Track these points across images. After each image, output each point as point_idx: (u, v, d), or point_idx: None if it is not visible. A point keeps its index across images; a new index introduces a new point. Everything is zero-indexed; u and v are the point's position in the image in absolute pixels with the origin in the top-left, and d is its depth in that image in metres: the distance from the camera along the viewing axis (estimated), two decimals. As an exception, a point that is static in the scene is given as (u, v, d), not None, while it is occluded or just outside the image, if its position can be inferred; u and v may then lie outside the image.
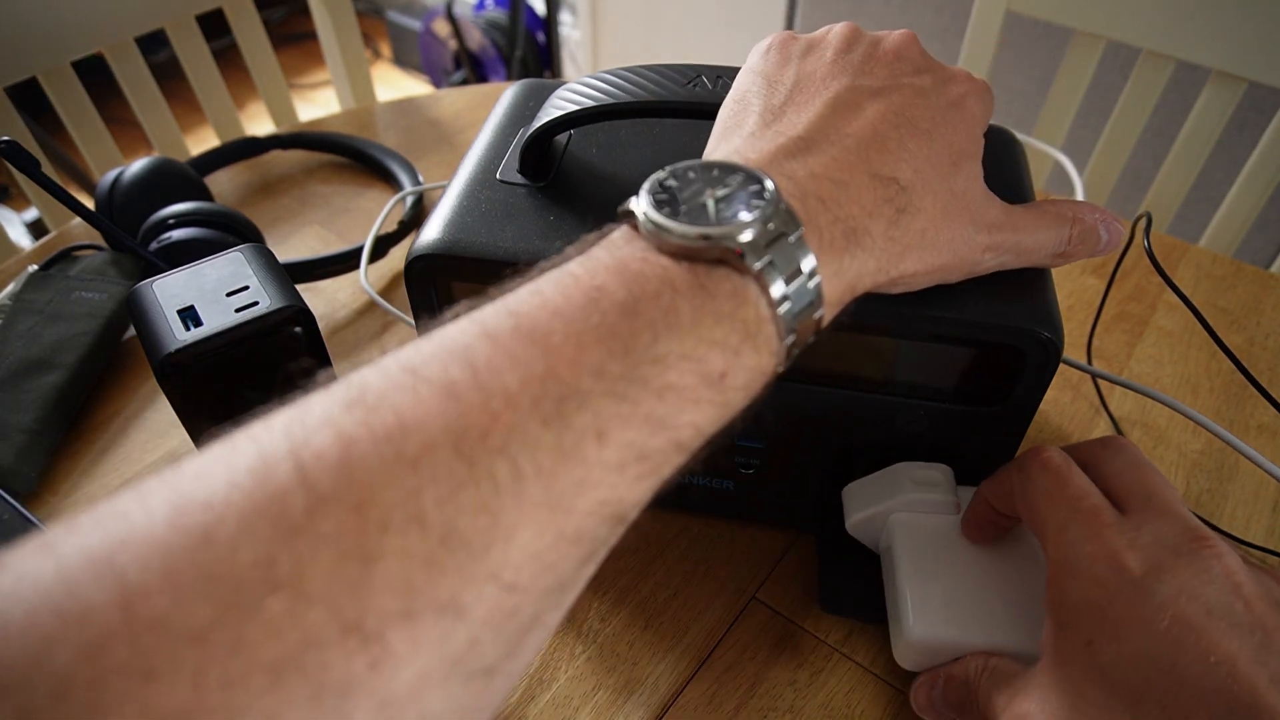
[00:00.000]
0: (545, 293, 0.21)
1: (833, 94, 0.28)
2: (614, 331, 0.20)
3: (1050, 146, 0.70)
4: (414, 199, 0.62)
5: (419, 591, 0.16)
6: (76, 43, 0.72)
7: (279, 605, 0.15)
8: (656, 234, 0.22)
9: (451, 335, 0.20)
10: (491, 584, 0.17)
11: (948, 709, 0.33)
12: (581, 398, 0.19)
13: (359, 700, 0.15)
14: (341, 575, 0.15)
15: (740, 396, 0.22)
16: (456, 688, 0.17)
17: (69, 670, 0.13)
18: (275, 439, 0.17)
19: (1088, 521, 0.29)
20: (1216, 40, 0.71)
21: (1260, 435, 0.48)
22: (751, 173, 0.24)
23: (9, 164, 0.46)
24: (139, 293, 0.35)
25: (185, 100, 0.93)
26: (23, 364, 0.47)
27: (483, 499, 0.17)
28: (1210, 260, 0.60)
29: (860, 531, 0.37)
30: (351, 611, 0.15)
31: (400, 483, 0.16)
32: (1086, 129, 1.03)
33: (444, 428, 0.17)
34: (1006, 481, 0.33)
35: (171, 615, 0.14)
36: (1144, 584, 0.27)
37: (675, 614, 0.40)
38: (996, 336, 0.31)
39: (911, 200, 0.26)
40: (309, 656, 0.15)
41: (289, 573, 0.15)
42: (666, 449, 0.20)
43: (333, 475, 0.16)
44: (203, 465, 0.17)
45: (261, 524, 0.15)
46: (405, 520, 0.16)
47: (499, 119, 0.41)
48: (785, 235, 0.23)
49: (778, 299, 0.22)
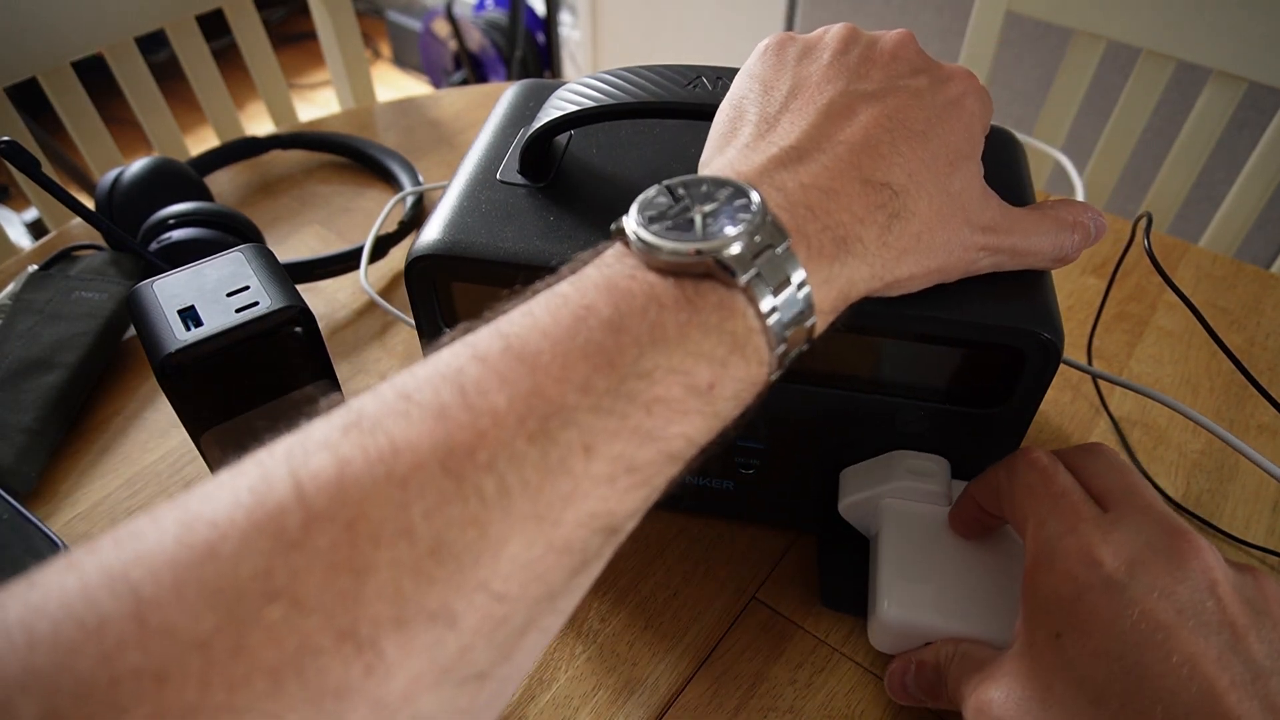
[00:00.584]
0: (535, 313, 0.21)
1: (827, 100, 0.28)
2: (600, 348, 0.20)
3: (1050, 146, 0.70)
4: (414, 199, 0.62)
5: (410, 600, 0.17)
6: (76, 43, 0.72)
7: (277, 613, 0.16)
8: (645, 251, 0.23)
9: (444, 359, 0.20)
10: (481, 593, 0.18)
11: (920, 693, 0.34)
12: (568, 414, 0.19)
13: (355, 703, 0.16)
14: (335, 585, 0.16)
15: (731, 406, 0.22)
16: (449, 691, 0.18)
17: (90, 674, 0.15)
18: (277, 462, 0.18)
19: (1066, 515, 0.30)
20: (1216, 40, 0.71)
21: (1260, 435, 0.48)
22: (740, 186, 0.24)
23: (9, 164, 0.46)
24: (139, 293, 0.35)
25: (185, 100, 0.93)
26: (23, 364, 0.47)
27: (470, 513, 0.18)
28: (1210, 260, 0.60)
29: (852, 515, 0.38)
30: (345, 620, 0.16)
31: (390, 499, 0.17)
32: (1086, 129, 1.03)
33: (433, 447, 0.18)
34: (994, 479, 0.33)
35: (179, 624, 0.15)
36: (1115, 580, 0.27)
37: (675, 614, 0.40)
38: (996, 337, 0.31)
39: (906, 205, 0.26)
40: (306, 661, 0.16)
41: (285, 583, 0.16)
42: (657, 460, 0.21)
43: (328, 494, 0.17)
44: (211, 487, 0.18)
45: (261, 539, 0.16)
46: (395, 534, 0.17)
47: (499, 119, 0.41)
48: (772, 247, 0.23)
49: (766, 311, 0.22)
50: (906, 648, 0.35)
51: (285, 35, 2.45)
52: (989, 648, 0.32)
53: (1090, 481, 0.31)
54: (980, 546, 0.36)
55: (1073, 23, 0.77)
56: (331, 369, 0.38)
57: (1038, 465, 0.32)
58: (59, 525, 0.43)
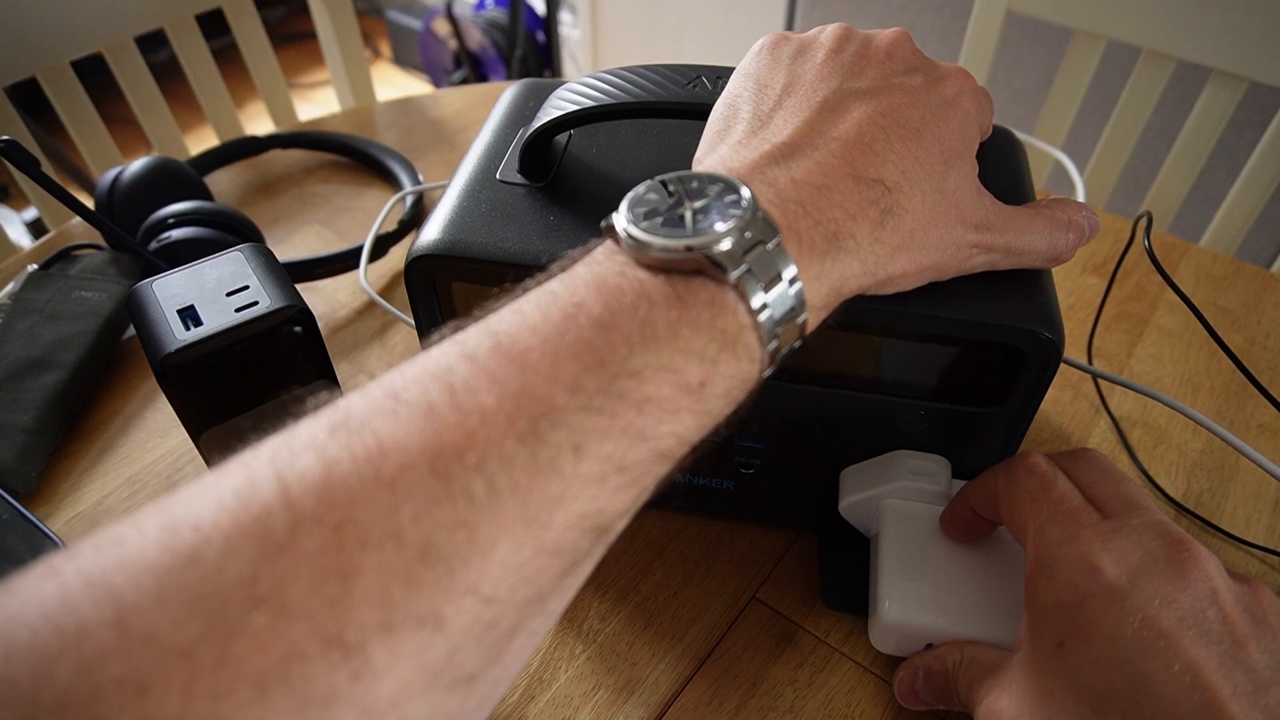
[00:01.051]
0: (525, 311, 0.21)
1: (820, 98, 0.28)
2: (590, 347, 0.20)
3: (1050, 146, 0.70)
4: (414, 199, 0.62)
5: (398, 605, 0.17)
6: (76, 43, 0.72)
7: (262, 620, 0.15)
8: (635, 248, 0.22)
9: (434, 358, 0.20)
10: (470, 596, 0.17)
11: (931, 699, 0.34)
12: (557, 414, 0.19)
13: (342, 710, 0.16)
14: (322, 591, 0.16)
15: (722, 404, 0.22)
16: (438, 695, 0.18)
17: (69, 684, 0.14)
18: (262, 463, 0.18)
19: (1067, 523, 0.29)
20: (1216, 40, 0.71)
21: (1260, 435, 0.48)
22: (730, 182, 0.24)
23: (9, 164, 0.46)
24: (139, 292, 0.35)
25: (185, 100, 0.93)
26: (22, 364, 0.47)
27: (459, 515, 0.18)
28: (1210, 260, 0.60)
29: (852, 514, 0.38)
30: (332, 625, 0.16)
31: (378, 502, 0.17)
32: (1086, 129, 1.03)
33: (421, 448, 0.18)
34: (991, 484, 0.33)
35: (162, 631, 0.15)
36: (1117, 588, 0.27)
37: (675, 614, 0.40)
38: (997, 336, 0.31)
39: (899, 201, 0.26)
40: (293, 669, 0.15)
41: (271, 589, 0.16)
42: (648, 459, 0.21)
43: (314, 496, 0.17)
44: (195, 490, 0.17)
45: (246, 543, 0.16)
46: (383, 537, 0.17)
47: (499, 119, 0.41)
48: (763, 243, 0.23)
49: (757, 307, 0.22)
50: (907, 648, 0.35)
51: (285, 35, 2.44)
52: (995, 649, 0.32)
53: (1088, 489, 0.31)
54: (981, 546, 0.36)
55: (1073, 22, 0.77)
56: (331, 369, 0.38)
57: (1036, 471, 0.31)
58: (59, 525, 0.43)
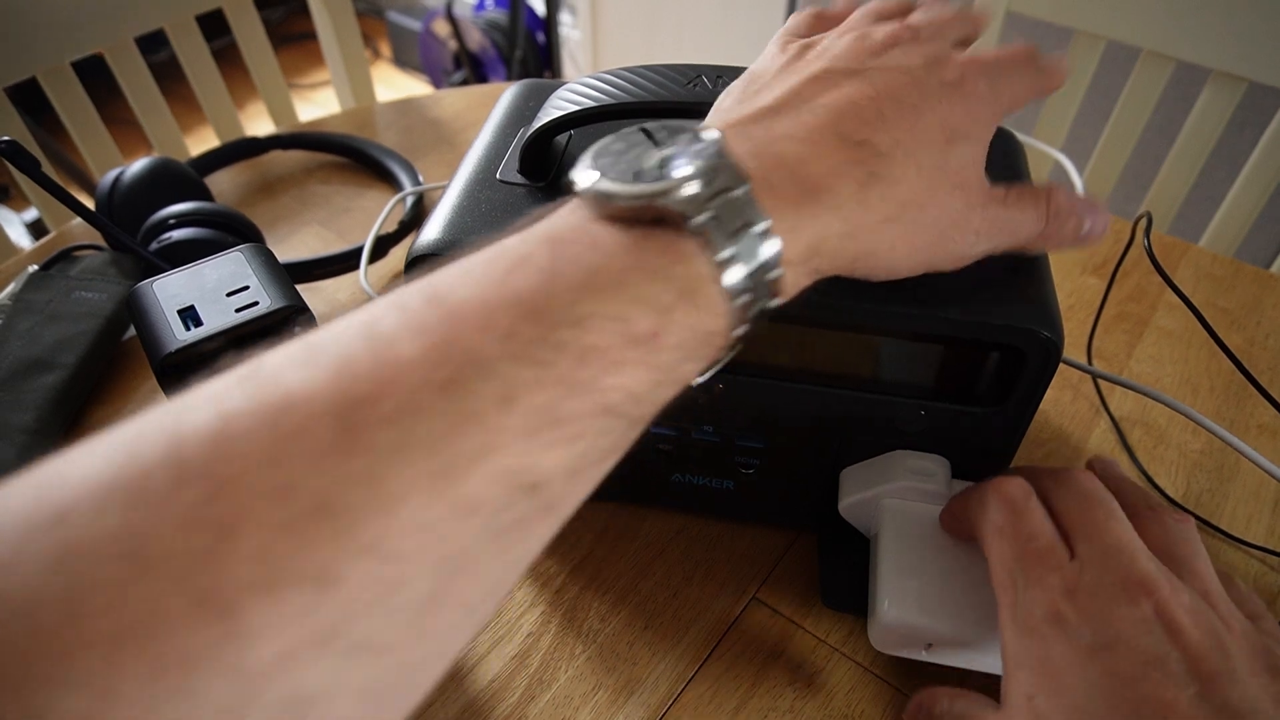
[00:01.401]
0: (470, 265, 0.20)
1: (811, 72, 0.27)
2: (530, 295, 0.19)
3: (1050, 146, 0.70)
4: (414, 199, 0.62)
5: (281, 562, 0.16)
6: (76, 43, 0.72)
7: (120, 574, 0.15)
8: (596, 200, 0.21)
9: (367, 310, 0.19)
10: (369, 555, 0.17)
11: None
12: (486, 363, 0.18)
13: (209, 673, 0.15)
14: (191, 545, 0.15)
15: (678, 357, 0.21)
16: (334, 663, 0.16)
17: None
18: (158, 416, 0.17)
19: (1032, 566, 0.29)
20: (1216, 40, 0.71)
21: (1260, 435, 0.48)
22: (697, 132, 0.23)
23: (9, 164, 0.46)
24: (139, 292, 0.35)
25: (185, 100, 0.93)
26: (23, 364, 0.47)
27: (361, 468, 0.17)
28: (1210, 260, 0.60)
29: (852, 514, 0.38)
30: (203, 581, 0.15)
31: (270, 455, 0.16)
32: (1086, 129, 1.03)
33: (328, 399, 0.17)
34: (966, 507, 0.33)
35: (9, 590, 0.14)
36: (1079, 636, 0.27)
37: (675, 614, 0.40)
38: (997, 336, 0.31)
39: (890, 168, 0.25)
40: (152, 628, 0.15)
41: (135, 546, 0.15)
42: (590, 412, 0.19)
43: (204, 451, 0.16)
44: (87, 447, 0.17)
45: (117, 498, 0.15)
46: (272, 491, 0.16)
47: (499, 119, 0.41)
48: (729, 190, 0.21)
49: (722, 258, 0.21)
50: (907, 648, 0.35)
51: (285, 35, 2.44)
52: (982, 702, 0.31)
53: (1060, 518, 0.31)
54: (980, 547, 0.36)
55: (1073, 23, 0.77)
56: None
57: (1008, 503, 0.31)
58: (59, 525, 0.43)
